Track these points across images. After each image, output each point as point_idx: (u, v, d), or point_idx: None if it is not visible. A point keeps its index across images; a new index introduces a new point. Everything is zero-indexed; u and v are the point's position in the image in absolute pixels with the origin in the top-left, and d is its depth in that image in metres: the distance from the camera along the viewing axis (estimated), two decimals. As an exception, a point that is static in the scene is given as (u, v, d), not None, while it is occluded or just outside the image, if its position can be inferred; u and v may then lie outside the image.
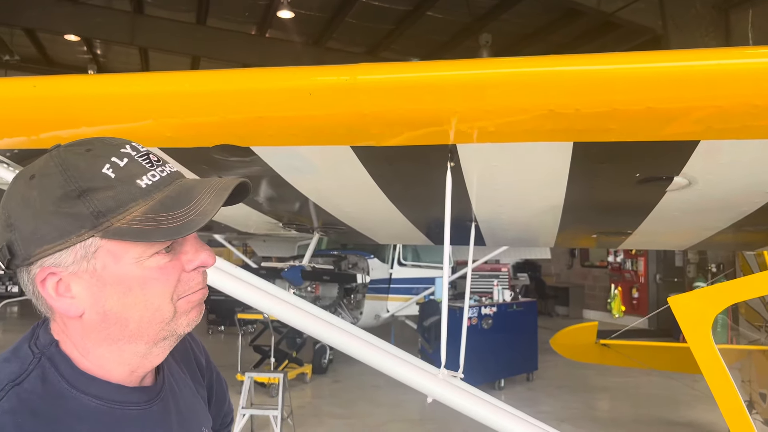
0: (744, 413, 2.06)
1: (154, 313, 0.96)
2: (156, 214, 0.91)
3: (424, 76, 1.49)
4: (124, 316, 0.95)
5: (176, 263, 0.97)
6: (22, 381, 0.93)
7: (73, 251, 0.92)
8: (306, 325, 2.19)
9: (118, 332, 0.96)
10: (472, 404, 2.05)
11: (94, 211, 0.90)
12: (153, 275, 0.94)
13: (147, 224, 0.90)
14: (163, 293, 0.96)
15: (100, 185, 0.91)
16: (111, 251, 0.93)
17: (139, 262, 0.94)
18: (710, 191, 2.10)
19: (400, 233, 3.91)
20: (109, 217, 0.91)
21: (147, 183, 0.93)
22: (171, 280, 0.96)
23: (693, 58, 1.35)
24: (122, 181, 0.92)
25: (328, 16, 13.46)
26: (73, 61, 17.88)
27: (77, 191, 0.90)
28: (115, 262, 0.93)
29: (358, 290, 10.18)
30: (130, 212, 0.91)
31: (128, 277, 0.93)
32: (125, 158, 0.94)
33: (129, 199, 0.91)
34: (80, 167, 0.92)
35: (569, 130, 1.57)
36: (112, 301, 0.94)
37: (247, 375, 6.47)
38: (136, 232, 0.90)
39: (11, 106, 1.68)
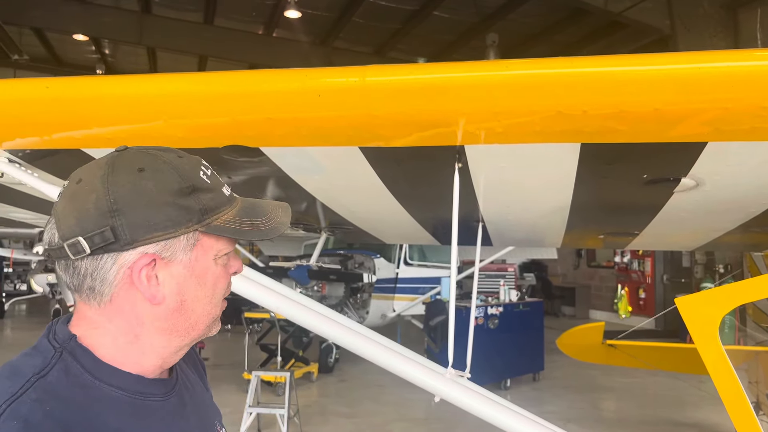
0: (751, 414, 2.06)
1: (213, 309, 1.08)
2: (244, 218, 1.06)
3: (432, 78, 1.50)
4: (192, 307, 1.05)
5: (231, 267, 1.11)
6: (47, 373, 0.95)
7: (178, 241, 1.01)
8: (314, 324, 2.20)
9: (182, 323, 1.05)
10: (479, 404, 2.06)
11: (202, 207, 1.02)
12: (222, 273, 1.08)
13: (240, 225, 1.05)
14: (222, 291, 1.09)
15: (203, 187, 1.03)
16: (204, 246, 1.04)
17: (215, 260, 1.06)
18: (718, 192, 2.10)
19: (407, 233, 3.92)
20: (211, 215, 1.03)
21: (227, 193, 1.07)
22: (227, 281, 1.10)
23: (701, 60, 1.36)
24: (215, 187, 1.05)
25: (335, 16, 13.47)
26: (81, 60, 17.97)
27: (190, 188, 1.01)
28: (204, 256, 1.04)
29: (365, 290, 10.19)
30: (224, 214, 1.05)
31: (208, 271, 1.05)
32: (209, 170, 1.07)
33: (222, 203, 1.05)
34: (186, 169, 1.02)
35: (577, 132, 1.57)
36: (190, 292, 1.04)
37: (254, 374, 6.49)
38: (234, 230, 1.04)
39: (24, 106, 1.70)
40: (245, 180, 2.37)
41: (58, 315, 11.42)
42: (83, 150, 1.88)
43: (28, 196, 2.74)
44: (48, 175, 2.20)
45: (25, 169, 2.12)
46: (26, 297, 15.86)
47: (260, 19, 14.19)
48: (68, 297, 11.23)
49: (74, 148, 1.86)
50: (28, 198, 2.83)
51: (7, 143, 1.89)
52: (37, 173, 2.15)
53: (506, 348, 8.82)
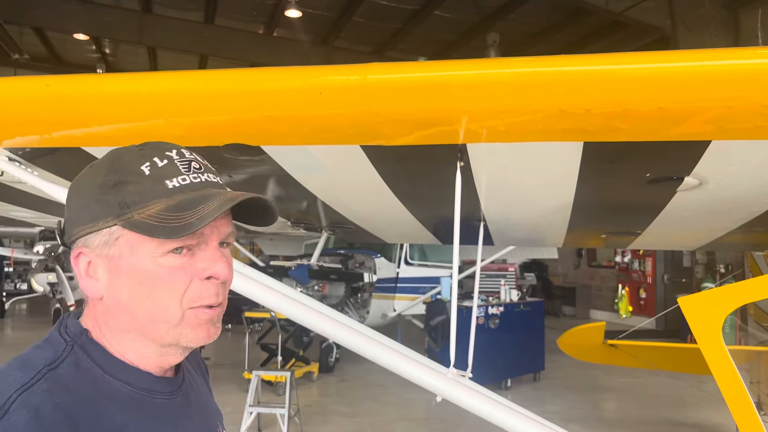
0: (754, 414, 2.05)
1: (160, 312, 0.99)
2: (169, 213, 0.96)
3: (434, 76, 1.49)
4: (133, 307, 0.99)
5: (189, 267, 0.99)
6: (58, 366, 0.96)
7: (100, 236, 0.99)
8: (314, 323, 2.19)
9: (129, 323, 1.00)
10: (480, 403, 2.05)
11: (121, 201, 0.97)
12: (162, 273, 0.98)
13: (158, 221, 0.96)
14: (170, 294, 0.98)
15: (132, 180, 0.98)
16: (129, 242, 0.98)
17: (153, 258, 0.98)
18: (721, 192, 2.09)
19: (408, 232, 3.91)
20: (133, 209, 0.97)
21: (174, 185, 0.98)
22: (179, 282, 0.98)
23: (704, 58, 1.35)
24: (153, 179, 0.98)
25: (336, 15, 13.46)
26: (81, 60, 17.96)
27: (113, 182, 0.98)
28: (131, 253, 0.98)
29: (365, 289, 10.18)
30: (150, 208, 0.97)
31: (141, 270, 0.98)
32: (166, 160, 1.00)
33: (152, 196, 0.97)
34: (124, 162, 1.00)
35: (580, 130, 1.57)
36: (125, 290, 0.99)
37: (254, 373, 6.48)
38: (146, 226, 0.96)
39: (25, 105, 1.70)
40: (246, 178, 2.36)
41: (58, 314, 11.44)
42: (83, 148, 1.87)
43: (28, 194, 2.74)
44: (48, 173, 2.20)
45: (25, 168, 2.11)
46: (27, 296, 15.85)
47: (261, 18, 14.18)
48: (68, 296, 11.24)
49: (74, 147, 1.85)
50: (28, 197, 2.82)
51: (7, 141, 1.88)
52: (37, 172, 2.15)
53: (507, 348, 8.82)
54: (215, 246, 1.02)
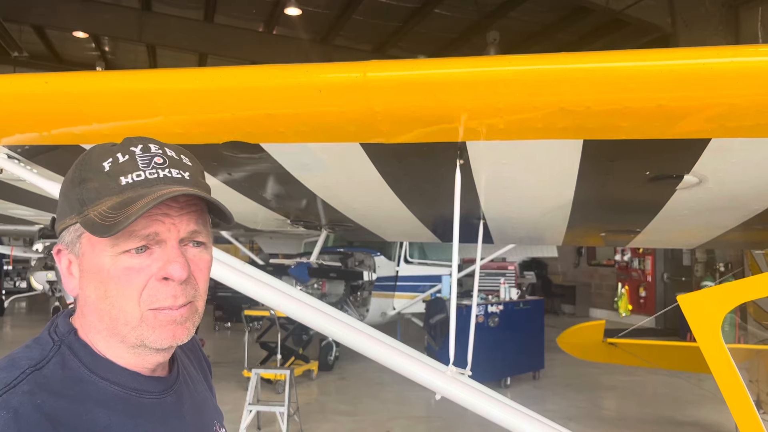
0: (753, 412, 2.05)
1: (119, 313, 0.96)
2: (112, 211, 0.93)
3: (434, 74, 1.49)
4: (98, 306, 0.98)
5: (146, 268, 0.96)
6: (43, 366, 0.96)
7: (68, 233, 1.00)
8: (314, 322, 2.19)
9: (97, 322, 1.00)
10: (480, 401, 2.05)
11: (80, 198, 0.97)
12: (118, 273, 0.95)
13: (101, 218, 0.93)
14: (126, 294, 0.96)
15: (92, 176, 0.97)
16: (89, 239, 0.97)
17: (110, 257, 0.96)
18: (721, 190, 2.09)
19: (407, 230, 3.91)
20: (89, 206, 0.96)
21: (128, 181, 0.95)
22: (134, 282, 0.95)
23: (704, 56, 1.35)
24: (110, 176, 0.96)
25: (336, 14, 13.45)
26: (81, 58, 17.94)
27: (78, 179, 0.98)
28: (91, 252, 0.98)
29: (365, 287, 10.18)
30: (102, 205, 0.95)
31: (101, 269, 0.96)
32: (127, 155, 0.97)
33: (106, 193, 0.95)
34: (92, 158, 0.99)
35: (580, 128, 1.56)
36: (90, 288, 0.99)
37: (253, 371, 6.48)
38: (91, 223, 0.94)
39: (23, 102, 1.69)
40: (246, 176, 2.36)
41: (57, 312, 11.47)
42: (82, 146, 1.87)
43: (28, 192, 2.73)
44: (47, 171, 2.19)
45: (24, 165, 2.11)
46: (26, 294, 15.84)
47: (260, 16, 14.17)
48: (68, 295, 11.24)
49: (73, 144, 1.85)
50: (27, 194, 2.82)
51: (6, 139, 1.88)
52: (36, 169, 2.14)
53: (507, 346, 8.82)
54: (173, 245, 0.97)
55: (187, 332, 1.00)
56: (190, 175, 1.00)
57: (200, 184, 1.02)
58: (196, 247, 1.01)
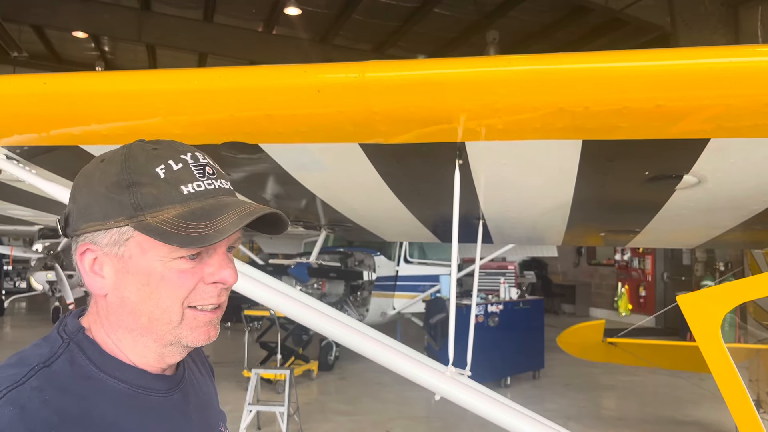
0: (753, 411, 2.05)
1: (163, 313, 1.00)
2: (184, 221, 0.96)
3: (433, 74, 1.49)
4: (138, 307, 1.00)
5: (197, 272, 1.00)
6: (52, 363, 0.97)
7: (110, 234, 0.99)
8: (314, 322, 2.19)
9: (132, 322, 1.01)
10: (479, 402, 2.05)
11: (135, 203, 0.97)
12: (171, 276, 0.99)
13: (172, 227, 0.96)
14: (175, 296, 0.99)
15: (147, 181, 0.98)
16: (140, 243, 0.98)
17: (162, 261, 0.98)
18: (720, 190, 2.09)
19: (407, 230, 3.91)
20: (146, 211, 0.97)
21: (189, 191, 0.98)
22: (186, 285, 1.00)
23: (703, 56, 1.35)
24: (168, 183, 0.98)
25: (335, 13, 13.45)
26: (80, 58, 17.94)
27: (127, 182, 0.98)
28: (141, 254, 0.99)
29: (365, 287, 10.18)
30: (165, 212, 0.97)
31: (149, 271, 0.99)
32: (180, 163, 0.99)
33: (167, 201, 0.97)
34: (139, 161, 0.99)
35: (578, 128, 1.56)
36: (131, 290, 1.00)
37: (253, 371, 6.48)
38: (161, 231, 0.96)
39: (22, 102, 1.69)
40: (245, 177, 2.36)
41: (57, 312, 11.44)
42: (81, 146, 1.87)
43: (27, 193, 2.73)
44: (46, 171, 2.19)
45: (24, 166, 2.11)
46: (26, 294, 15.83)
47: (260, 16, 14.17)
48: (68, 294, 11.23)
49: (72, 145, 1.85)
50: (27, 195, 2.82)
51: (5, 140, 1.88)
52: (35, 170, 2.14)
53: (506, 346, 8.82)
54: (223, 252, 1.03)
55: (217, 332, 1.05)
56: (231, 185, 1.06)
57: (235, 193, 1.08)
58: (231, 251, 1.07)
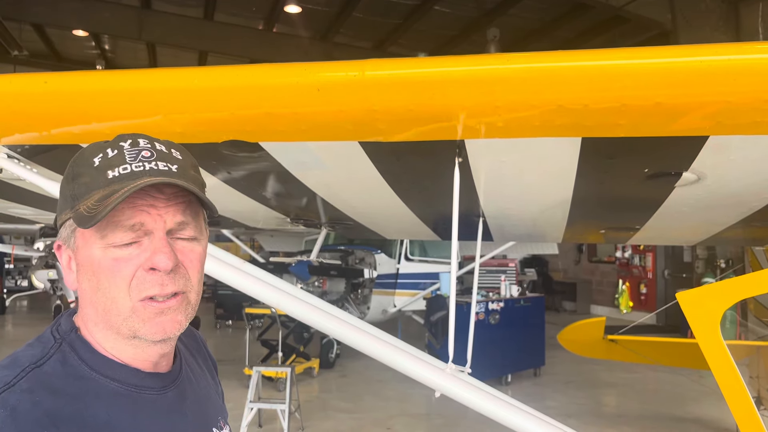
0: (752, 409, 2.06)
1: (111, 304, 0.99)
2: (96, 203, 0.95)
3: (432, 72, 1.49)
4: (93, 298, 1.00)
5: (134, 258, 0.98)
6: (43, 363, 0.97)
7: (65, 228, 1.02)
8: (315, 320, 2.19)
9: (93, 314, 1.02)
10: (479, 399, 2.06)
11: (73, 194, 1.00)
12: (108, 264, 0.98)
13: (87, 211, 0.95)
14: (116, 285, 0.98)
15: (84, 171, 0.99)
16: (82, 233, 0.99)
17: (101, 249, 0.98)
18: (719, 187, 2.09)
19: (407, 228, 3.91)
20: (79, 200, 0.98)
21: (114, 174, 0.97)
22: (123, 273, 0.97)
23: (702, 53, 1.35)
24: (99, 170, 0.98)
25: (336, 11, 13.43)
26: (81, 56, 17.94)
27: (72, 175, 1.01)
28: (84, 245, 1.00)
29: (366, 285, 10.19)
30: (90, 199, 0.97)
31: (92, 261, 0.99)
32: (116, 150, 0.99)
33: (94, 187, 0.98)
34: (84, 155, 1.01)
35: (578, 126, 1.56)
36: (85, 282, 1.01)
37: (255, 369, 6.50)
38: (80, 216, 0.97)
39: (22, 101, 1.70)
40: (245, 175, 2.36)
41: (59, 311, 11.47)
42: (82, 145, 1.87)
43: (28, 191, 2.74)
44: (47, 170, 2.20)
45: (24, 165, 2.11)
46: (27, 293, 15.89)
47: (260, 14, 14.15)
48: (69, 293, 11.26)
49: (73, 144, 1.85)
50: (28, 194, 2.83)
51: (6, 138, 1.88)
52: (36, 169, 2.15)
53: (507, 343, 8.83)
54: (160, 236, 0.99)
55: (178, 325, 1.01)
56: (178, 168, 1.01)
57: (189, 177, 1.02)
58: (186, 239, 1.02)
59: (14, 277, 17.86)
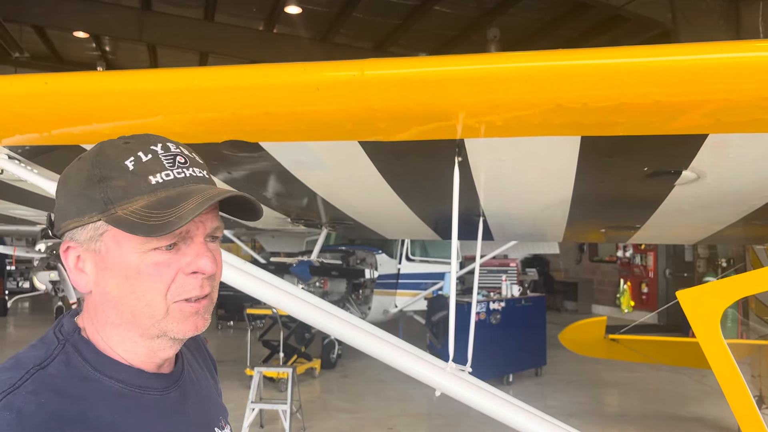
0: (753, 407, 2.06)
1: (145, 307, 0.99)
2: (150, 210, 0.96)
3: (431, 71, 1.49)
4: (120, 301, 1.00)
5: (174, 263, 0.99)
6: (47, 365, 0.97)
7: (86, 230, 1.00)
8: (316, 320, 2.20)
9: (116, 317, 1.01)
10: (479, 398, 2.06)
11: (105, 197, 0.98)
12: (148, 269, 0.98)
13: (139, 218, 0.95)
14: (155, 289, 0.98)
15: (116, 175, 0.98)
16: (115, 237, 0.99)
17: (139, 254, 0.98)
18: (719, 185, 2.10)
19: (407, 228, 3.92)
20: (116, 204, 0.97)
21: (158, 180, 0.98)
22: (164, 278, 0.99)
23: (701, 52, 1.35)
24: (137, 175, 0.98)
25: (336, 11, 13.44)
26: (82, 57, 17.96)
27: (98, 177, 0.98)
28: (117, 248, 0.99)
29: (367, 285, 10.19)
30: (133, 204, 0.97)
31: (126, 265, 0.98)
32: (150, 154, 0.99)
33: (136, 192, 0.97)
34: (109, 156, 1.00)
35: (577, 125, 1.57)
36: (111, 285, 1.00)
37: (256, 370, 6.50)
38: (128, 223, 0.96)
39: (23, 102, 1.70)
40: (246, 175, 2.37)
41: (60, 312, 11.48)
42: (82, 146, 1.87)
43: (29, 192, 2.74)
44: (48, 171, 2.20)
45: (25, 166, 2.12)
46: (29, 294, 15.87)
47: (261, 15, 14.16)
48: (70, 294, 11.26)
49: (73, 144, 1.85)
50: (29, 195, 2.83)
51: (6, 139, 1.89)
52: (36, 170, 2.15)
53: (508, 343, 8.83)
54: (200, 241, 1.02)
55: (206, 322, 1.05)
56: (207, 173, 1.05)
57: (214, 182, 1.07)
58: (213, 241, 1.05)
59: (16, 278, 17.86)
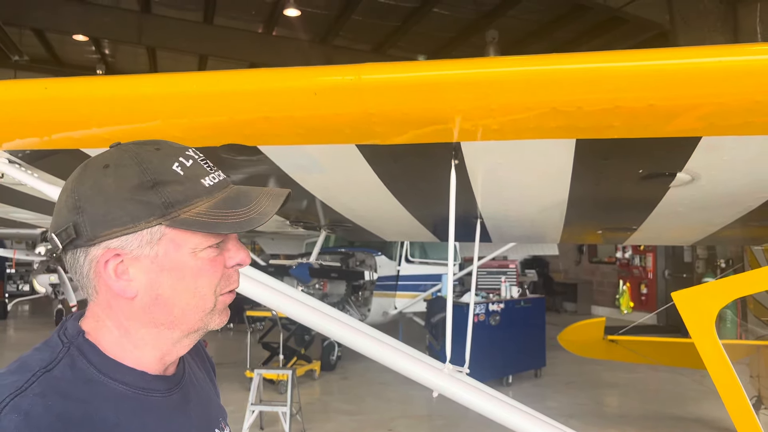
0: (748, 407, 2.07)
1: (199, 302, 1.05)
2: (220, 210, 1.02)
3: (428, 75, 1.51)
4: (172, 301, 1.03)
5: (221, 259, 1.07)
6: (53, 368, 0.98)
7: (140, 236, 1.00)
8: (315, 322, 2.21)
9: (163, 316, 1.04)
10: (476, 399, 2.07)
11: (165, 201, 1.00)
12: (205, 266, 1.04)
13: (212, 218, 1.01)
14: (210, 284, 1.05)
15: (171, 179, 1.01)
16: (173, 240, 1.02)
17: (194, 253, 1.03)
18: (714, 187, 2.11)
19: (406, 230, 3.93)
20: (177, 208, 1.00)
21: (209, 183, 1.04)
22: (217, 273, 1.06)
23: (694, 56, 1.37)
24: (189, 179, 1.02)
25: (335, 14, 13.47)
26: (81, 61, 17.97)
27: (151, 182, 1.00)
28: (175, 250, 1.02)
29: (366, 287, 10.20)
30: (196, 206, 1.02)
31: (184, 265, 1.03)
32: (190, 160, 1.04)
33: (194, 195, 1.02)
34: (154, 162, 1.01)
35: (572, 128, 1.58)
36: (166, 286, 1.03)
37: (256, 372, 6.51)
38: (202, 223, 1.01)
39: (23, 107, 1.72)
40: (244, 179, 2.38)
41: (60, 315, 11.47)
42: (82, 150, 1.89)
43: (29, 196, 2.76)
44: (48, 175, 2.22)
45: (25, 170, 2.13)
46: (29, 297, 15.89)
47: (260, 17, 14.19)
48: (70, 297, 11.27)
49: (73, 149, 1.87)
50: (29, 198, 2.84)
51: (7, 144, 1.90)
52: (37, 174, 2.17)
53: (508, 344, 8.84)
54: (236, 237, 1.09)
55: (228, 317, 1.12)
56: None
57: None
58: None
59: (16, 281, 17.87)
